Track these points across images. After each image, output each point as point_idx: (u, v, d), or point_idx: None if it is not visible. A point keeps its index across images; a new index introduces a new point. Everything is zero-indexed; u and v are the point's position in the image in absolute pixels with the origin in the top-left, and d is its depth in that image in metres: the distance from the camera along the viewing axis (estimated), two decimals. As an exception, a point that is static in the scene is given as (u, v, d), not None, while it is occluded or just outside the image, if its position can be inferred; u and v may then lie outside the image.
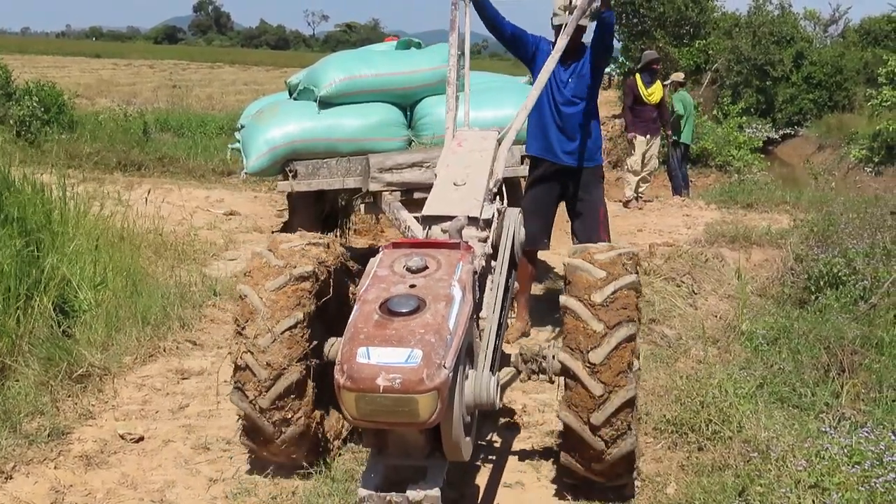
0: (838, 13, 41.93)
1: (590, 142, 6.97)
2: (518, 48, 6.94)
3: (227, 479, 4.84)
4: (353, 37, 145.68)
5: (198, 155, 15.86)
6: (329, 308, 4.71)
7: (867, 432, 4.85)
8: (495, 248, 4.89)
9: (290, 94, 8.40)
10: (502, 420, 5.65)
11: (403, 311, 3.80)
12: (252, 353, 4.49)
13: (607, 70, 58.47)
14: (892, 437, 4.75)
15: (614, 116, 33.79)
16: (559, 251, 7.96)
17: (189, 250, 9.26)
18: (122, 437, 5.19)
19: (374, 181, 7.55)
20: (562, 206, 7.25)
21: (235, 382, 4.59)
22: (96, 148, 15.52)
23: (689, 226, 12.21)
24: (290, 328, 4.47)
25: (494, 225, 4.88)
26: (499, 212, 5.02)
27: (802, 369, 6.29)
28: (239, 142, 8.23)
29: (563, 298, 4.34)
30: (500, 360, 4.63)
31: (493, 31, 6.74)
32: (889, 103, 21.49)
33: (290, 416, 4.56)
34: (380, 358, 3.62)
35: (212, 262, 9.29)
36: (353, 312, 3.90)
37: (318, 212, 8.69)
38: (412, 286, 3.95)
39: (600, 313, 4.21)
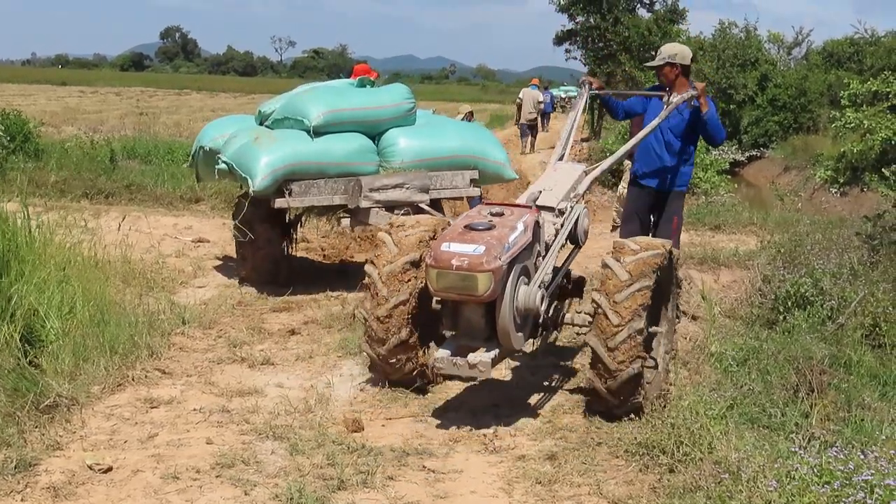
0: (801, 36, 42.46)
1: (681, 170, 8.21)
2: (632, 117, 8.71)
3: (198, 508, 4.80)
4: (321, 62, 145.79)
5: (165, 182, 15.75)
6: None
7: (837, 452, 4.87)
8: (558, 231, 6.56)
9: (262, 122, 9.52)
10: (474, 446, 5.64)
11: (479, 227, 5.79)
12: (380, 276, 6.11)
13: (574, 94, 59.02)
14: (862, 457, 4.77)
15: (582, 140, 33.96)
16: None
17: (157, 278, 9.21)
18: (90, 467, 5.13)
19: (366, 199, 8.93)
20: None
21: (363, 300, 6.27)
22: (63, 176, 15.39)
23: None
24: (408, 262, 6.09)
25: (567, 215, 6.64)
26: (571, 208, 6.71)
27: (772, 390, 6.32)
28: (225, 163, 9.09)
29: (605, 258, 5.87)
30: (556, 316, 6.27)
31: (608, 111, 8.67)
32: (853, 125, 21.69)
33: (397, 326, 6.07)
34: (455, 248, 5.61)
35: (180, 289, 9.24)
36: (443, 231, 5.99)
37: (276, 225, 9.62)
38: (490, 219, 5.92)
39: (628, 267, 5.72)
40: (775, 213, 15.59)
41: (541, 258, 6.25)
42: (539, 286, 6.01)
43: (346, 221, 9.28)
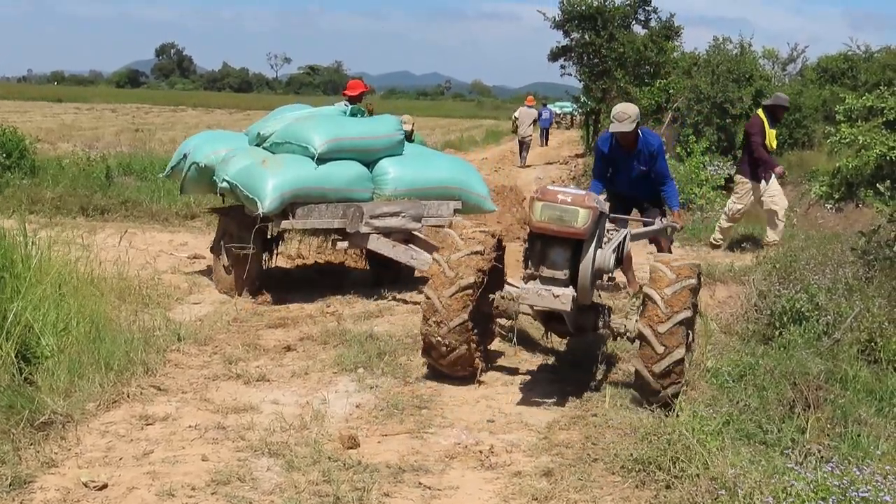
0: (796, 52, 42.54)
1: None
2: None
3: (193, 526, 4.79)
4: (317, 79, 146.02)
5: (161, 198, 15.74)
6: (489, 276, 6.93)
7: (833, 467, 4.87)
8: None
9: (259, 144, 10.07)
10: (470, 462, 5.63)
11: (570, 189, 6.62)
12: (439, 298, 6.70)
13: (569, 109, 58.83)
14: (858, 473, 4.77)
15: (577, 156, 34.04)
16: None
17: (153, 294, 9.19)
18: (85, 484, 5.12)
19: (367, 225, 9.53)
20: None
21: (424, 314, 6.83)
22: (58, 192, 15.41)
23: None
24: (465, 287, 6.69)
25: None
26: (616, 230, 7.50)
27: (768, 405, 6.32)
28: (227, 182, 9.52)
29: (646, 289, 6.44)
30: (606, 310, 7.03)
31: None
32: (847, 140, 21.70)
33: (456, 342, 6.76)
34: (560, 189, 6.52)
35: (176, 306, 9.24)
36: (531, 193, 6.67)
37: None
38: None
39: (676, 270, 6.42)
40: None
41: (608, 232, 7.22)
42: (612, 251, 6.87)
43: (342, 244, 9.87)
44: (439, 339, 6.78)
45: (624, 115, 8.76)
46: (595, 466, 5.51)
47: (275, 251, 10.50)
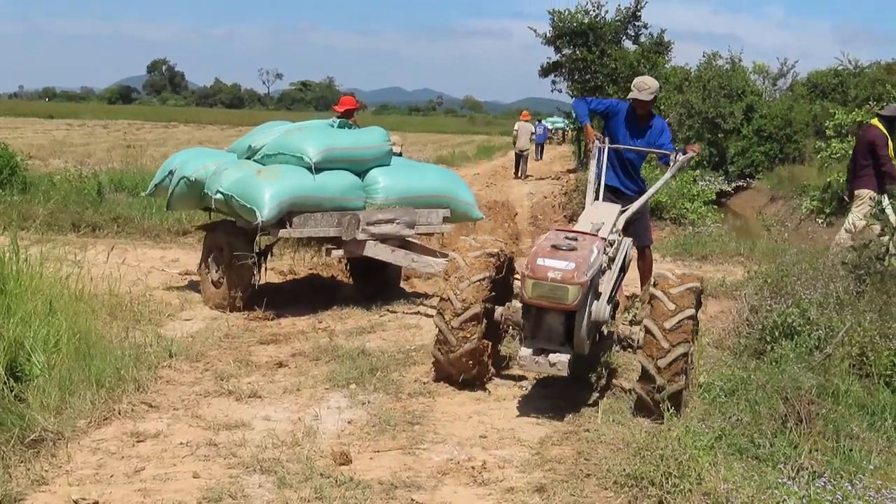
0: (786, 67, 42.73)
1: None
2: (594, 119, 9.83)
3: (184, 543, 4.76)
4: (308, 95, 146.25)
5: (153, 215, 15.73)
6: (498, 288, 7.38)
7: (825, 482, 4.87)
8: (613, 258, 7.52)
9: (250, 157, 10.20)
10: (463, 478, 5.62)
11: (564, 248, 6.68)
12: (453, 291, 7.05)
13: (560, 125, 59.07)
14: (850, 487, 4.77)
15: (569, 171, 34.12)
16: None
17: (144, 311, 9.18)
18: (75, 502, 5.09)
19: (363, 232, 9.77)
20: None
21: (438, 309, 7.16)
22: (50, 209, 15.35)
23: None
24: (479, 280, 7.09)
25: (615, 245, 7.65)
26: (619, 241, 7.80)
27: (760, 420, 6.31)
28: (222, 194, 9.57)
29: (652, 290, 6.74)
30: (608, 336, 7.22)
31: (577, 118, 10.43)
32: (838, 155, 21.81)
33: (468, 335, 7.02)
34: (550, 263, 6.51)
35: (167, 322, 9.22)
36: (532, 249, 6.89)
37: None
38: (569, 243, 6.78)
39: (676, 300, 6.57)
40: (762, 243, 15.59)
41: (603, 279, 7.26)
42: (608, 301, 7.00)
43: (336, 252, 10.02)
44: (448, 332, 7.06)
45: (644, 84, 9.55)
46: (588, 482, 5.50)
47: (264, 265, 10.55)
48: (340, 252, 10.00)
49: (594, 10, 31.66)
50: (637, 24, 32.32)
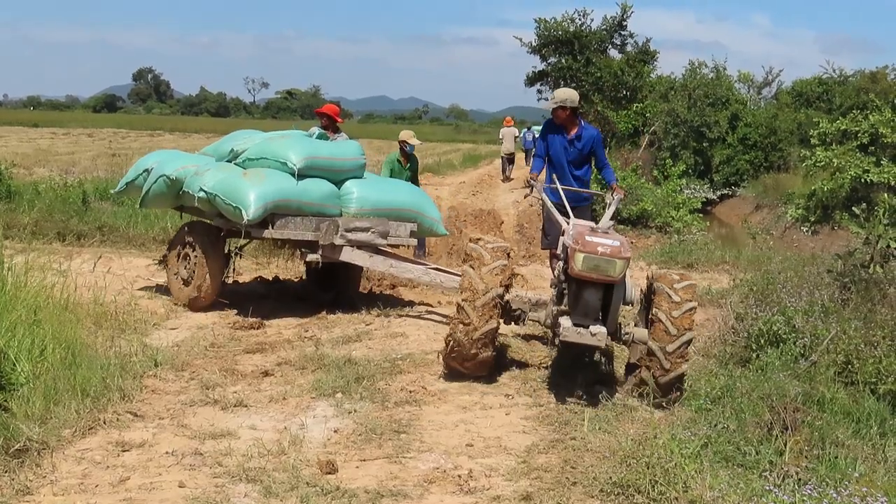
0: (771, 76, 42.95)
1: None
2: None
3: (170, 553, 4.74)
4: (294, 103, 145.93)
5: (138, 223, 15.69)
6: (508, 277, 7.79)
7: (811, 489, 4.88)
8: None
9: (231, 160, 10.53)
10: (449, 487, 5.61)
11: (602, 231, 7.32)
12: (478, 275, 7.48)
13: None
14: (835, 494, 4.78)
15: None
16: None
17: (130, 320, 9.14)
18: (60, 512, 5.08)
19: (341, 237, 10.14)
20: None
21: (462, 295, 7.51)
22: (34, 218, 15.28)
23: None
24: (498, 267, 7.53)
25: None
26: None
27: (746, 428, 6.33)
28: (205, 193, 9.93)
29: (657, 284, 7.32)
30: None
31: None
32: (823, 163, 21.91)
33: (490, 315, 7.41)
34: (599, 240, 7.02)
35: (153, 331, 9.18)
36: (567, 234, 7.58)
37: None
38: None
39: (680, 293, 7.19)
40: (747, 251, 15.67)
41: None
42: (635, 284, 7.68)
43: (312, 256, 10.27)
44: (475, 310, 7.43)
45: (552, 95, 10.06)
46: (574, 490, 5.50)
47: (232, 265, 11.07)
48: (316, 256, 10.26)
49: (580, 19, 31.73)
50: (622, 32, 32.39)
